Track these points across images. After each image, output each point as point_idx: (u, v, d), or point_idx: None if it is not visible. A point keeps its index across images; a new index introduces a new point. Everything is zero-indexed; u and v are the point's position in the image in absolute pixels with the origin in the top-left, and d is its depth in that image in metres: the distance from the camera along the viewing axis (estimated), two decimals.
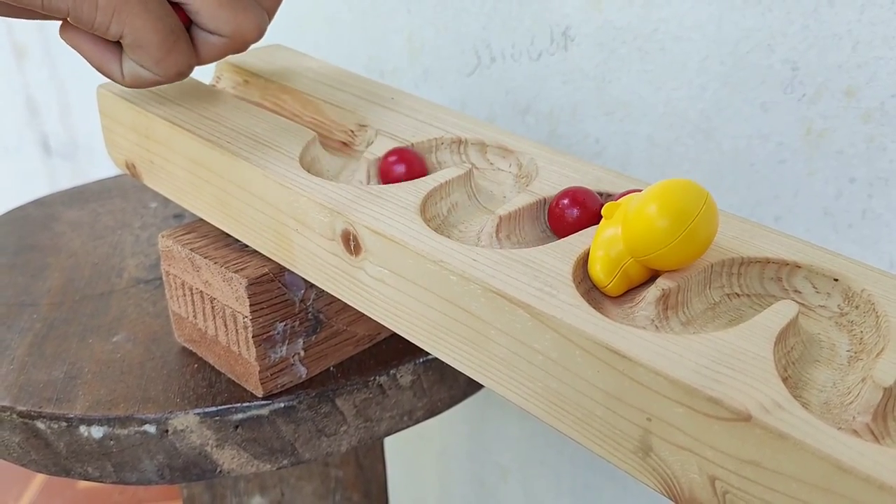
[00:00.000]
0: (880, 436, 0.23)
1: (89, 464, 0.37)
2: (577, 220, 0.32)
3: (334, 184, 0.33)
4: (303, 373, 0.38)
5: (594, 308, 0.26)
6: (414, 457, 0.89)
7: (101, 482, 0.37)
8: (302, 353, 0.38)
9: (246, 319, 0.36)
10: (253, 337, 0.36)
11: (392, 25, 0.65)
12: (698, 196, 0.26)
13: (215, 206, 0.37)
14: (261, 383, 0.37)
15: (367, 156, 0.36)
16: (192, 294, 0.38)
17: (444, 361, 0.30)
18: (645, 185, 0.33)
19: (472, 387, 0.43)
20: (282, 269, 0.36)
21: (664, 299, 0.27)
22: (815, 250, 0.29)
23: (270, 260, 0.36)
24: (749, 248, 0.29)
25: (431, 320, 0.29)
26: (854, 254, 0.48)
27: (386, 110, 0.40)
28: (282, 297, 0.36)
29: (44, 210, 0.56)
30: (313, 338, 0.38)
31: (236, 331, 0.37)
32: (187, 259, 0.38)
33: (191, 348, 0.41)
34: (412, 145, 0.37)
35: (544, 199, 0.33)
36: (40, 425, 0.37)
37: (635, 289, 0.29)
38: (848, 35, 0.44)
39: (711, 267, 0.29)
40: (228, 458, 0.37)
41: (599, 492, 0.71)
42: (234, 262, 0.36)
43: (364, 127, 0.40)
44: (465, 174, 0.35)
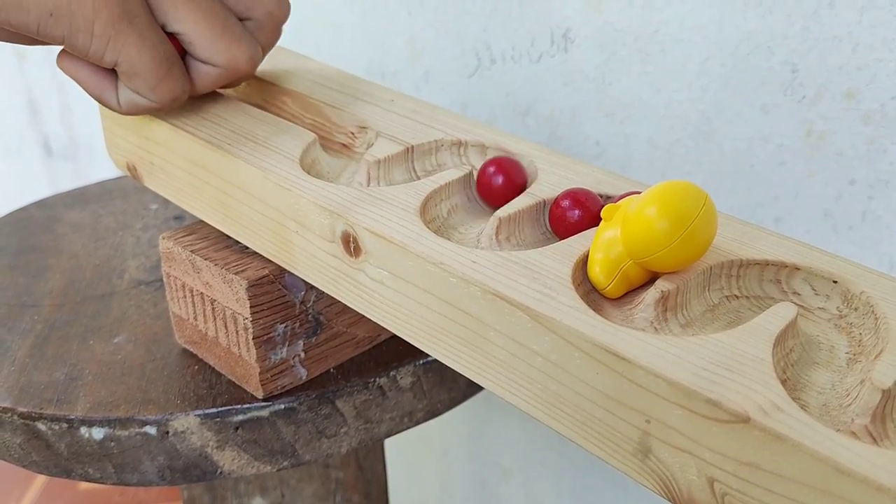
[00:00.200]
0: (879, 438, 0.23)
1: (90, 465, 0.37)
2: (578, 221, 0.32)
3: (335, 185, 0.33)
4: (303, 374, 0.38)
5: (593, 310, 0.26)
6: (414, 458, 0.89)
7: (101, 483, 0.37)
8: (302, 354, 0.38)
9: (246, 321, 0.36)
10: (253, 338, 0.36)
11: (392, 27, 0.65)
12: (697, 198, 0.26)
13: (216, 208, 0.37)
14: (261, 385, 0.37)
15: (368, 157, 0.36)
16: (192, 296, 0.38)
17: (444, 363, 0.30)
18: (645, 187, 0.33)
19: (472, 388, 0.43)
20: (282, 270, 0.36)
21: (663, 301, 0.27)
22: (815, 252, 0.29)
23: (271, 262, 0.36)
24: (748, 250, 0.29)
25: (431, 322, 0.29)
26: (854, 255, 0.48)
27: (386, 112, 0.41)
28: (282, 299, 0.36)
29: (45, 211, 0.56)
30: (313, 339, 0.38)
31: (237, 332, 0.37)
32: (188, 261, 0.38)
33: (191, 350, 0.41)
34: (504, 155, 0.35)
35: (544, 200, 0.33)
36: (41, 426, 0.37)
37: (635, 291, 0.29)
38: (848, 37, 0.44)
39: (710, 269, 0.29)
40: (229, 460, 0.37)
41: (600, 493, 0.71)
42: (234, 264, 0.36)
43: (364, 129, 0.40)
44: (465, 176, 0.35)
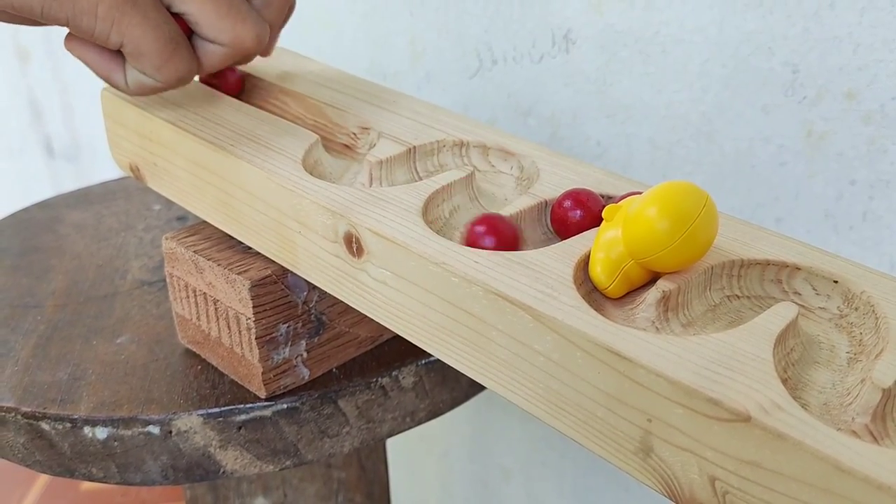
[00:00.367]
0: (879, 436, 0.23)
1: (93, 465, 0.37)
2: (580, 221, 0.32)
3: (337, 186, 0.33)
4: (305, 374, 0.38)
5: (595, 310, 0.26)
6: (416, 458, 0.90)
7: (105, 483, 0.38)
8: (305, 354, 0.38)
9: (249, 321, 0.36)
10: (256, 338, 0.36)
11: (394, 28, 0.65)
12: (698, 198, 0.26)
13: (218, 209, 0.37)
14: (264, 385, 0.37)
15: (370, 158, 0.36)
16: (195, 296, 0.39)
17: (446, 363, 0.30)
18: (646, 188, 0.33)
19: (473, 388, 0.43)
20: (285, 271, 0.36)
21: (664, 301, 0.27)
22: (815, 252, 0.29)
23: (273, 262, 0.36)
24: (749, 250, 0.29)
25: (433, 322, 0.29)
26: (855, 255, 0.48)
27: (388, 113, 0.41)
28: (285, 299, 0.36)
29: (48, 212, 0.56)
30: (316, 339, 0.38)
31: (239, 332, 0.37)
32: (191, 261, 0.38)
33: (194, 350, 0.41)
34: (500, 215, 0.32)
35: (545, 201, 0.33)
36: (45, 426, 0.37)
37: (636, 290, 0.29)
38: (848, 38, 0.44)
39: (712, 269, 0.29)
40: (232, 459, 0.37)
41: (602, 494, 0.71)
42: (237, 264, 0.36)
43: (366, 129, 0.40)
44: (466, 177, 0.35)
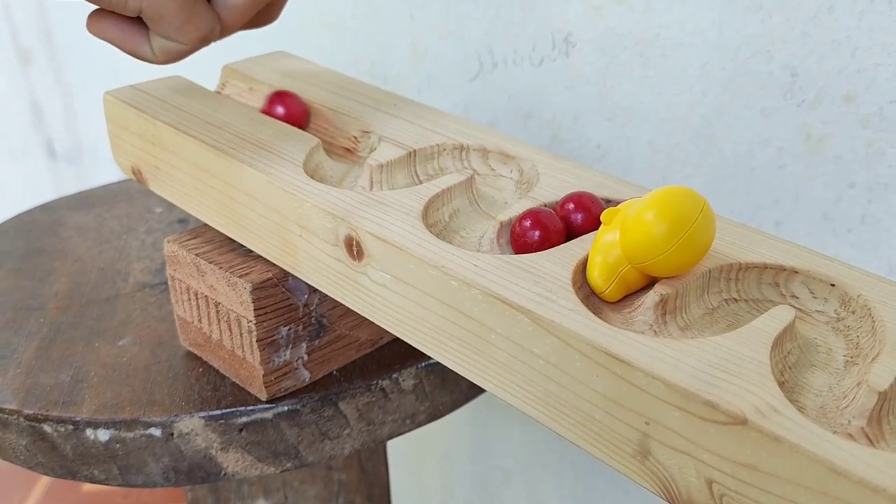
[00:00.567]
0: (875, 439, 0.23)
1: (95, 466, 0.38)
2: (581, 224, 0.32)
3: (338, 190, 0.33)
4: (306, 376, 0.39)
5: (593, 313, 0.26)
6: (416, 460, 0.90)
7: (107, 485, 0.38)
8: (305, 356, 0.38)
9: (250, 324, 0.36)
10: (257, 341, 0.36)
11: (395, 31, 0.65)
12: (695, 203, 0.26)
13: (220, 212, 0.38)
14: (265, 387, 0.37)
15: (370, 162, 0.37)
16: (197, 298, 0.39)
17: (445, 365, 0.30)
18: (646, 191, 0.33)
19: (473, 391, 0.43)
20: (286, 273, 0.36)
21: (662, 304, 0.28)
22: (813, 256, 0.30)
23: (274, 265, 0.36)
24: (747, 254, 0.30)
25: (433, 325, 0.29)
26: (853, 258, 0.48)
27: (389, 116, 0.41)
28: (286, 302, 0.37)
29: (50, 215, 0.56)
30: (317, 342, 0.38)
31: (241, 335, 0.37)
32: (192, 264, 0.38)
33: (196, 352, 0.41)
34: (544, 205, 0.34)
35: (545, 204, 0.34)
36: (47, 428, 0.37)
37: (634, 294, 0.29)
38: (847, 41, 0.45)
39: (709, 272, 0.29)
40: (233, 461, 0.38)
41: (602, 496, 0.71)
42: (238, 267, 0.36)
43: (367, 133, 0.40)
44: (466, 180, 0.35)
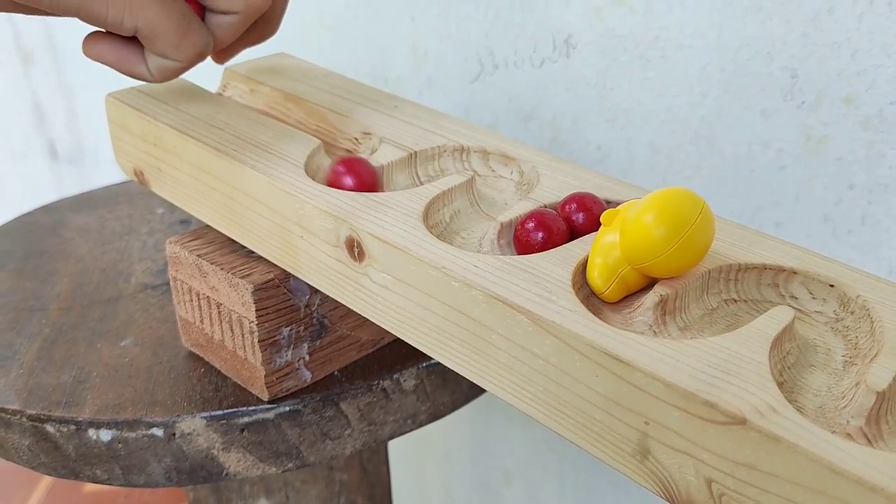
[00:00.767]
0: (873, 439, 0.24)
1: (98, 466, 0.38)
2: (583, 224, 0.32)
3: (339, 191, 0.34)
4: (308, 377, 0.39)
5: (593, 314, 0.26)
6: (417, 460, 0.90)
7: (109, 485, 0.38)
8: (307, 357, 0.38)
9: (252, 324, 0.36)
10: (259, 342, 0.36)
11: (396, 33, 0.65)
12: (695, 205, 0.26)
13: (222, 213, 0.38)
14: (266, 387, 0.37)
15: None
16: (198, 299, 0.39)
17: (446, 366, 0.30)
18: (646, 193, 0.33)
19: (474, 391, 0.43)
20: (287, 274, 0.36)
21: (662, 305, 0.28)
22: (812, 256, 0.30)
23: (276, 266, 0.36)
24: (746, 255, 0.30)
25: (434, 325, 0.30)
26: (853, 259, 0.48)
27: (390, 118, 0.41)
28: (287, 303, 0.37)
29: (52, 216, 0.56)
30: (318, 342, 0.39)
31: (242, 335, 0.37)
32: (194, 265, 0.38)
33: (197, 353, 0.41)
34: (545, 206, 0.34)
35: (546, 206, 0.34)
36: (49, 429, 0.37)
37: (634, 294, 0.29)
38: (847, 43, 0.45)
39: (709, 273, 0.29)
40: (234, 461, 0.38)
41: (602, 496, 0.71)
42: (240, 268, 0.37)
43: (368, 135, 0.40)
44: (467, 181, 0.35)
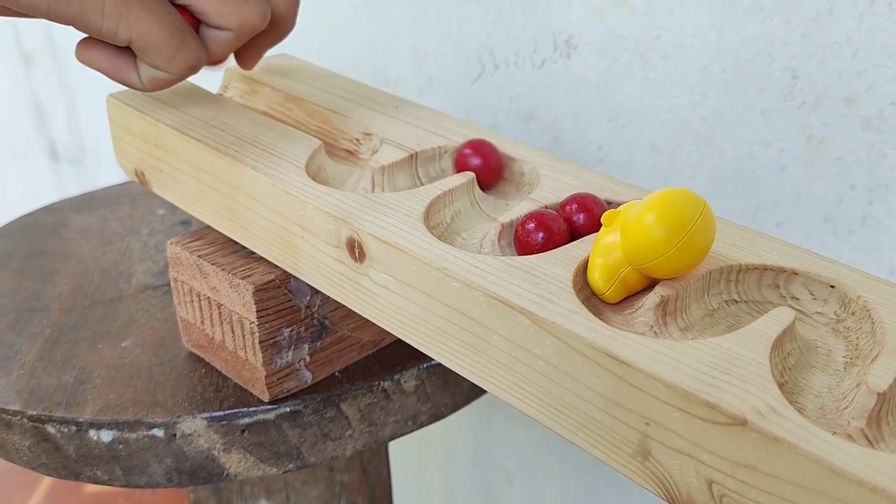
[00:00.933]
0: (874, 440, 0.24)
1: (98, 467, 0.38)
2: (584, 225, 0.32)
3: (340, 192, 0.34)
4: (308, 378, 0.39)
5: (594, 315, 0.26)
6: (418, 461, 0.90)
7: (109, 486, 0.38)
8: (307, 358, 0.38)
9: (252, 325, 0.36)
10: (259, 342, 0.36)
11: (397, 34, 0.65)
12: (696, 205, 0.26)
13: (223, 214, 0.38)
14: (267, 388, 0.37)
15: (372, 164, 0.37)
16: (199, 300, 0.39)
17: (447, 367, 0.30)
18: (647, 193, 0.33)
19: (475, 392, 0.43)
20: (288, 275, 0.36)
21: (663, 306, 0.28)
22: (813, 257, 0.30)
23: (277, 267, 0.36)
24: (747, 255, 0.30)
25: (435, 326, 0.30)
26: (854, 260, 0.48)
27: (391, 119, 0.41)
28: (288, 303, 0.37)
29: (53, 216, 0.56)
30: (319, 343, 0.39)
31: (243, 336, 0.37)
32: (195, 266, 0.38)
33: (198, 353, 0.41)
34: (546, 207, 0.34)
35: (546, 206, 0.34)
36: (50, 429, 0.37)
37: (635, 295, 0.29)
38: (847, 43, 0.45)
39: (710, 274, 0.29)
40: (235, 462, 0.38)
41: (603, 497, 0.71)
42: (241, 269, 0.37)
43: (369, 135, 0.40)
44: (468, 182, 0.35)
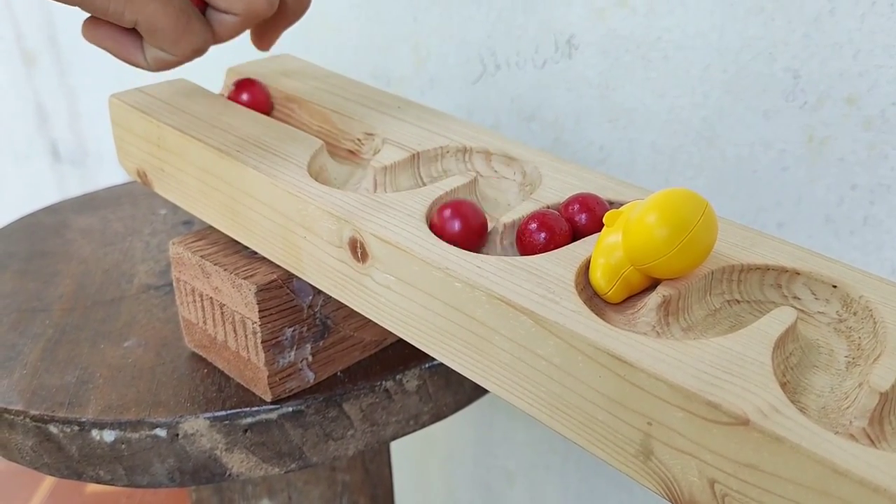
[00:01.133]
0: (876, 440, 0.24)
1: (101, 467, 0.38)
2: (585, 225, 0.32)
3: (342, 192, 0.34)
4: (310, 377, 0.39)
5: (596, 314, 0.26)
6: (420, 461, 0.90)
7: (112, 485, 0.38)
8: (310, 358, 0.38)
9: (255, 325, 0.36)
10: (262, 342, 0.36)
11: (398, 34, 0.65)
12: (697, 206, 0.26)
13: (225, 214, 0.38)
14: (269, 388, 0.37)
15: (374, 164, 0.37)
16: (202, 300, 0.39)
17: (449, 367, 0.30)
18: (648, 193, 0.33)
19: (477, 392, 0.43)
20: (290, 275, 0.36)
21: (665, 306, 0.28)
22: (814, 257, 0.30)
23: (279, 267, 0.36)
24: (749, 255, 0.30)
25: (437, 326, 0.30)
26: (856, 260, 0.48)
27: (392, 119, 0.41)
28: (290, 303, 0.37)
29: (55, 217, 0.57)
30: (321, 343, 0.39)
31: (245, 336, 0.37)
32: (198, 266, 0.38)
33: (201, 353, 0.41)
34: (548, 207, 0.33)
35: (548, 206, 0.34)
36: (53, 429, 0.37)
37: (637, 295, 0.29)
38: (849, 44, 0.45)
39: (712, 273, 0.29)
40: (237, 462, 0.38)
41: (605, 497, 0.71)
42: (243, 269, 0.37)
43: (371, 135, 0.40)
44: (469, 182, 0.35)
